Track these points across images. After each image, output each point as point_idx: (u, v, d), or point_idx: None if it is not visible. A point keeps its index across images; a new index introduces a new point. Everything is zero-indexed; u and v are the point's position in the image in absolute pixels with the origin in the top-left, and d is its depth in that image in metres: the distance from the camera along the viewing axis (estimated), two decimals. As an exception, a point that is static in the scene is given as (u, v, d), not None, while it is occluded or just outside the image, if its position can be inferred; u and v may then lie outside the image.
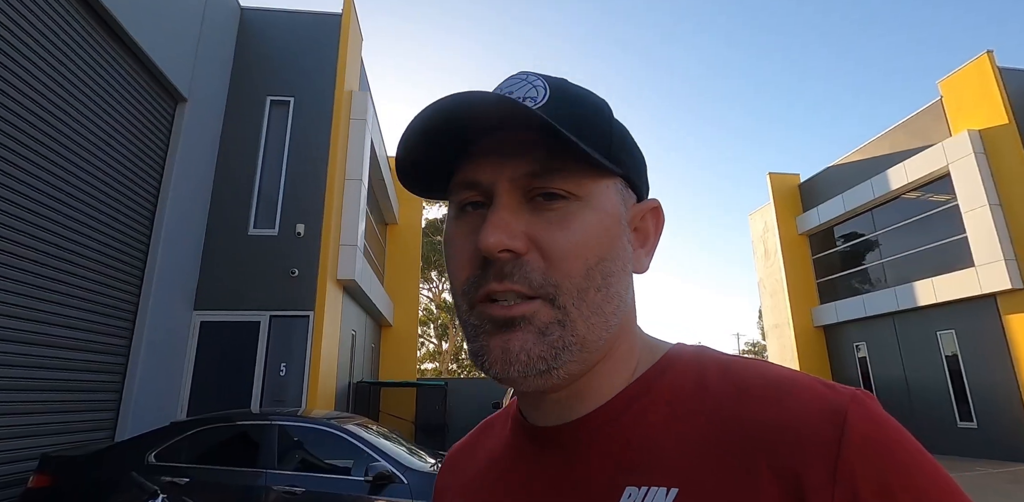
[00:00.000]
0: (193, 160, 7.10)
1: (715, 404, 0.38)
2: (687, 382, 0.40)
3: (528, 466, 0.44)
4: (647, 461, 0.37)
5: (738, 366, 0.40)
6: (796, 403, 0.35)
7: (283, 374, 6.90)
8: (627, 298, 0.42)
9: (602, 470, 0.39)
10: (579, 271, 0.39)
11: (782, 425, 0.35)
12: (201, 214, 7.35)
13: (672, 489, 0.35)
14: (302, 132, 8.04)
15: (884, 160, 12.88)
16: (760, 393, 0.37)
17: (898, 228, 12.64)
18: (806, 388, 0.36)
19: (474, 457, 0.51)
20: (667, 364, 0.43)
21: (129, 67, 5.91)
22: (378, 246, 13.12)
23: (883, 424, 0.35)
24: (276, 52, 8.38)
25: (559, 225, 0.39)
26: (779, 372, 0.39)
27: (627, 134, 0.45)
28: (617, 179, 0.43)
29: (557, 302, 0.38)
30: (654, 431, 0.38)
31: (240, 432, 4.30)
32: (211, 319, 6.99)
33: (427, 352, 30.28)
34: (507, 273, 0.38)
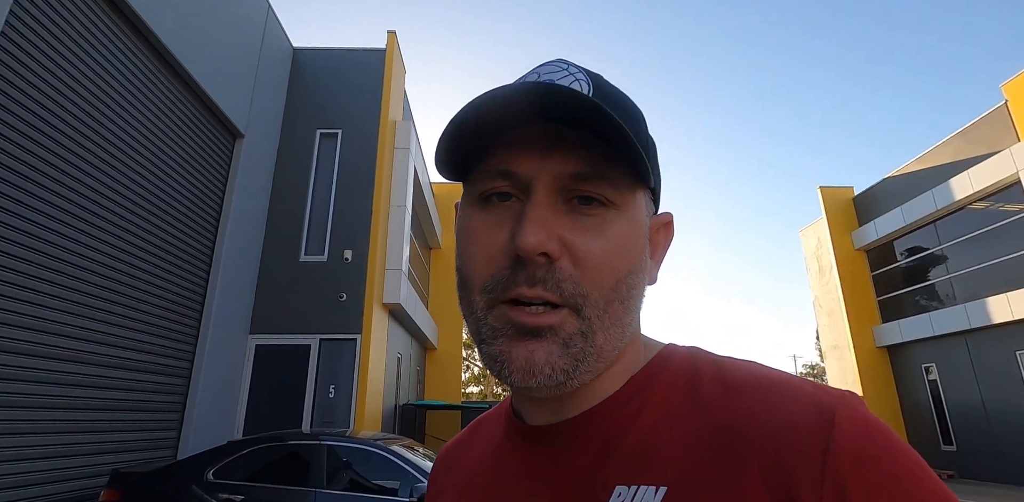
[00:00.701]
0: (250, 192, 7.56)
1: (706, 405, 0.37)
2: (680, 382, 0.40)
3: (520, 464, 0.43)
4: (638, 460, 0.37)
5: (730, 367, 0.40)
6: (786, 404, 0.35)
7: (332, 396, 7.10)
8: (640, 308, 0.42)
9: (593, 468, 0.39)
10: (609, 283, 0.38)
11: (771, 426, 0.34)
12: (256, 243, 7.77)
13: (661, 488, 0.35)
14: (349, 162, 8.44)
15: (946, 169, 12.24)
16: (750, 394, 0.37)
17: (965, 240, 11.89)
18: (795, 389, 0.36)
19: (467, 455, 0.50)
20: (660, 364, 0.42)
21: (193, 108, 6.43)
22: (422, 270, 13.41)
23: (872, 426, 0.34)
24: (325, 88, 8.90)
25: (595, 233, 0.38)
26: (769, 373, 0.39)
27: (652, 142, 0.44)
28: (647, 191, 0.42)
29: (583, 313, 0.37)
30: (646, 431, 0.38)
31: (292, 451, 4.45)
32: (265, 342, 7.31)
33: (472, 375, 30.29)
34: (540, 278, 0.36)
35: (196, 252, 6.49)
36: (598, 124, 0.35)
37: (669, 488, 0.35)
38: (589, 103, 0.34)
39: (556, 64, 0.41)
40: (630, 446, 0.38)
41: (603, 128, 0.35)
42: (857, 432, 0.33)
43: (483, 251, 0.39)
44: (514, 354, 0.37)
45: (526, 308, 0.37)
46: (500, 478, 0.44)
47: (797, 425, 0.34)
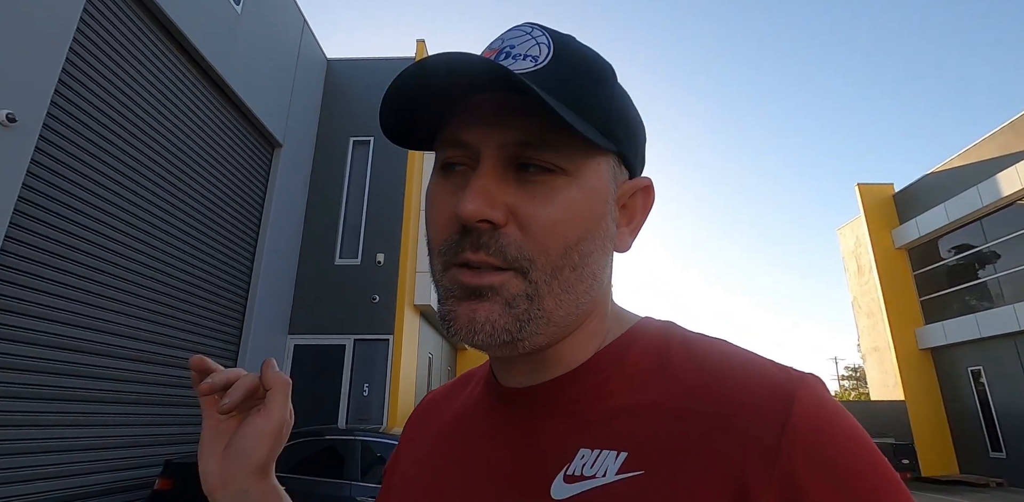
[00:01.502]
0: (288, 199, 7.91)
1: (673, 378, 0.39)
2: (650, 356, 0.41)
3: (492, 423, 0.45)
4: (603, 426, 0.38)
5: (700, 344, 0.41)
6: (748, 383, 0.36)
7: (366, 394, 7.36)
8: (603, 277, 0.42)
9: (560, 431, 0.40)
10: (557, 249, 0.38)
11: (732, 404, 0.35)
12: (294, 247, 8.12)
13: (622, 453, 0.36)
14: (381, 168, 8.72)
15: (992, 164, 11.75)
16: (715, 371, 0.38)
17: (1015, 238, 11.39)
18: (758, 368, 0.37)
19: (447, 408, 0.52)
20: (633, 337, 0.43)
21: (236, 121, 6.79)
22: (453, 272, 13.65)
23: (829, 408, 0.35)
24: (357, 97, 9.22)
25: (542, 199, 0.38)
26: (736, 352, 0.40)
27: (628, 105, 0.43)
28: (611, 156, 0.41)
29: (529, 276, 0.38)
30: (613, 400, 0.39)
31: (329, 446, 4.68)
32: (303, 342, 7.63)
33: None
34: (483, 243, 0.37)
35: (239, 256, 6.85)
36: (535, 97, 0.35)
37: (629, 454, 0.36)
38: (518, 82, 0.34)
39: (521, 28, 0.41)
40: (597, 412, 0.39)
41: (539, 102, 0.35)
42: (815, 414, 0.34)
43: (439, 217, 0.40)
44: (459, 313, 0.38)
45: (472, 269, 0.38)
46: (473, 435, 0.46)
47: (756, 404, 0.35)
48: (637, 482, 0.35)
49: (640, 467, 0.35)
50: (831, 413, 0.35)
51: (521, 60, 0.39)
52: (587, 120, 0.38)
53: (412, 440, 0.52)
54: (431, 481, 0.46)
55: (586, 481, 0.36)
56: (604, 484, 0.36)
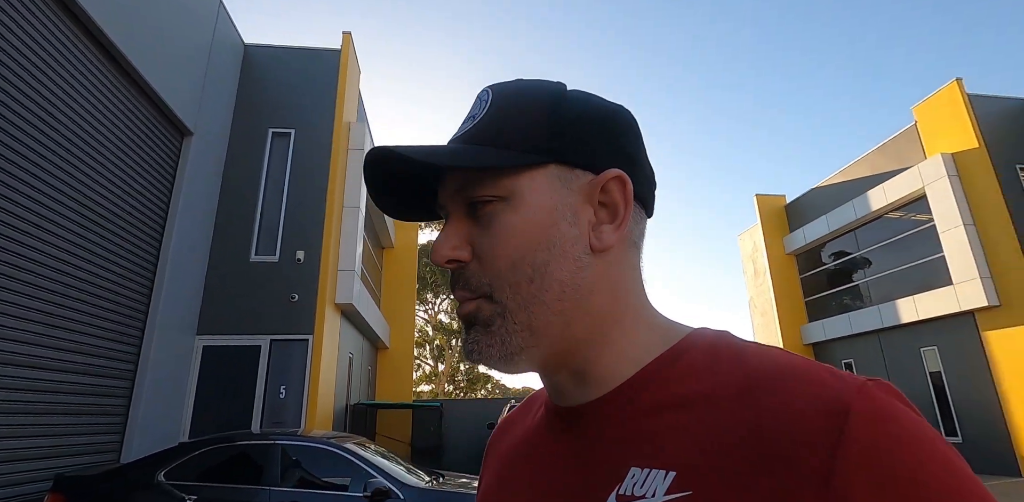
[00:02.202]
0: (198, 191, 7.44)
1: (722, 393, 0.37)
2: (699, 369, 0.40)
3: (551, 443, 0.46)
4: (652, 444, 0.38)
5: (751, 354, 0.39)
6: (797, 397, 0.34)
7: (283, 396, 7.11)
8: (577, 282, 0.42)
9: (611, 449, 0.40)
10: (505, 268, 0.41)
11: (779, 419, 0.33)
12: (205, 242, 7.65)
13: (671, 472, 0.36)
14: (302, 162, 8.41)
15: (865, 182, 13.34)
16: (765, 384, 0.36)
17: (881, 247, 13.02)
18: (810, 380, 0.35)
19: (517, 429, 0.53)
20: (682, 350, 0.42)
21: (138, 103, 6.29)
22: (374, 270, 13.39)
23: (894, 419, 0.32)
24: (278, 86, 8.82)
25: (486, 229, 0.42)
26: (789, 361, 0.37)
27: (571, 112, 0.44)
28: (549, 167, 0.43)
29: (494, 297, 0.42)
30: (663, 416, 0.39)
31: (244, 452, 4.52)
32: (213, 343, 7.22)
33: (423, 374, 30.17)
34: (456, 281, 0.43)
35: (142, 251, 6.37)
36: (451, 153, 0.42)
37: (678, 474, 0.35)
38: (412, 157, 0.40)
39: (479, 96, 0.47)
40: (646, 429, 0.39)
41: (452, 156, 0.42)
42: (874, 429, 0.31)
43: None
44: (465, 342, 0.44)
45: (461, 304, 0.44)
46: (535, 455, 0.47)
47: (805, 421, 0.32)
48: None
49: (688, 487, 0.34)
50: (894, 429, 0.31)
51: (468, 121, 0.45)
52: (512, 147, 0.42)
53: (487, 464, 0.55)
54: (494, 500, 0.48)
55: (637, 501, 0.36)
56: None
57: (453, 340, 29.01)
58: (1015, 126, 10.97)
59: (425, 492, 4.34)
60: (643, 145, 0.47)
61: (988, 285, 9.94)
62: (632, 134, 0.46)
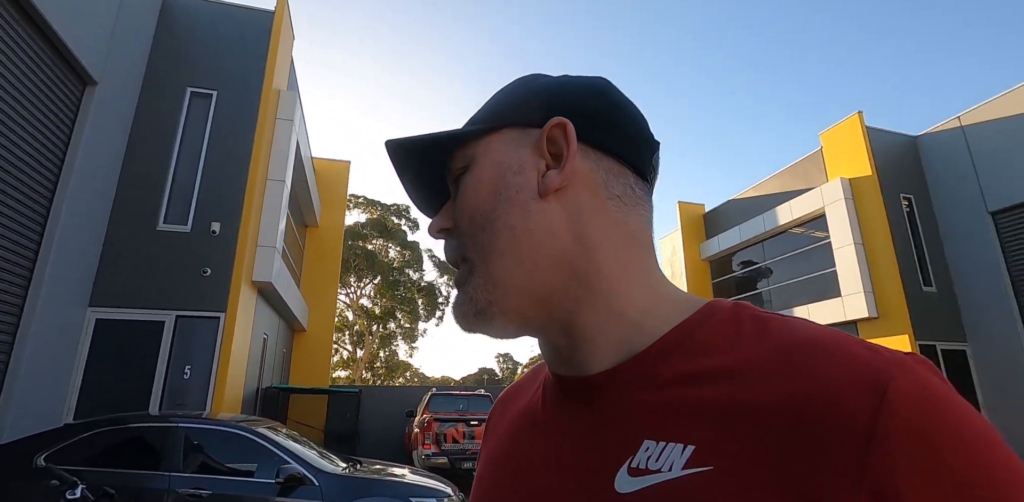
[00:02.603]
0: (99, 148, 6.67)
1: (747, 367, 0.35)
2: (721, 341, 0.38)
3: (557, 414, 0.45)
4: (669, 416, 0.36)
5: (776, 325, 0.37)
6: (830, 370, 0.32)
7: (187, 377, 6.58)
8: (530, 226, 0.42)
9: (624, 423, 0.39)
10: (464, 224, 0.44)
11: (809, 397, 0.31)
12: (104, 204, 6.89)
13: (688, 446, 0.34)
14: (224, 128, 7.78)
15: (775, 198, 14.45)
16: (793, 357, 0.34)
17: (784, 259, 14.18)
18: (842, 350, 0.33)
19: (522, 399, 0.52)
20: (701, 320, 0.40)
21: (33, 42, 5.54)
22: (296, 248, 12.74)
23: (937, 398, 0.29)
24: (201, 43, 8.08)
25: (457, 197, 0.46)
26: (817, 333, 0.35)
27: (533, 87, 0.47)
28: (502, 131, 0.46)
29: (465, 256, 0.45)
30: (681, 389, 0.37)
31: (142, 435, 4.14)
32: (108, 317, 6.53)
33: (341, 359, 29.22)
34: (446, 248, 0.47)
35: (27, 209, 5.62)
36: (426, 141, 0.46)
37: (697, 448, 0.34)
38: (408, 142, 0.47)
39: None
40: (662, 401, 0.37)
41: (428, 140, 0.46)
42: (915, 408, 0.29)
43: None
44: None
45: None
46: (541, 424, 0.46)
47: (837, 398, 0.30)
48: (705, 478, 0.32)
49: (708, 462, 0.33)
50: (940, 406, 0.29)
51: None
52: (474, 122, 0.47)
53: (488, 437, 0.55)
54: (498, 474, 0.47)
55: (652, 475, 0.35)
56: (670, 479, 0.34)
57: (375, 326, 28.27)
58: (902, 159, 12.32)
59: (341, 479, 4.20)
60: (613, 103, 0.46)
61: (870, 298, 11.12)
62: (593, 94, 0.46)
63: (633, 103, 0.48)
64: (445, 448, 7.65)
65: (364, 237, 27.48)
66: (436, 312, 29.18)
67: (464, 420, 8.05)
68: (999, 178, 10.71)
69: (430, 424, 7.82)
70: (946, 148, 11.92)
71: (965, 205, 11.30)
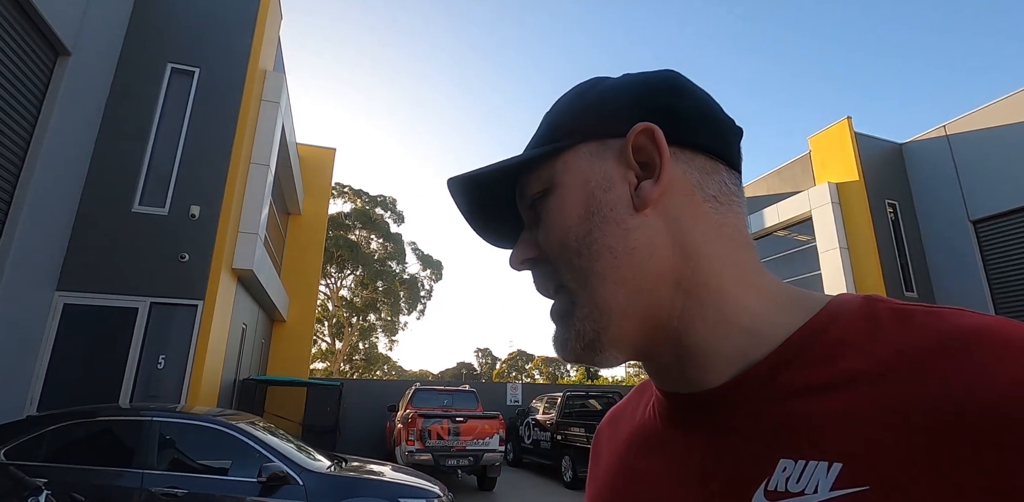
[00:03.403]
0: (71, 121, 6.28)
1: (893, 367, 0.31)
2: (856, 340, 0.34)
3: (674, 435, 0.42)
4: (805, 432, 0.33)
5: (921, 317, 0.33)
6: (994, 365, 0.28)
7: (161, 367, 6.25)
8: (631, 244, 0.39)
9: (753, 441, 0.35)
10: (557, 251, 0.41)
11: (983, 399, 0.27)
12: (75, 182, 6.50)
13: (835, 464, 0.30)
14: (206, 107, 7.42)
15: (762, 200, 14.54)
16: (951, 353, 0.30)
17: (768, 261, 14.28)
18: (1012, 343, 0.29)
19: (629, 416, 0.50)
20: (828, 320, 0.36)
21: (0, 6, 5.14)
22: (278, 236, 12.37)
23: None
24: (183, 17, 7.69)
25: (541, 223, 0.43)
26: (979, 323, 0.31)
27: (598, 91, 0.44)
28: (578, 147, 0.42)
29: (562, 284, 0.41)
30: (813, 400, 0.33)
31: (112, 429, 3.87)
32: (77, 302, 6.16)
33: (320, 351, 28.73)
34: (535, 278, 0.45)
35: (-9, 185, 5.24)
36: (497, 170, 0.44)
37: (845, 465, 0.30)
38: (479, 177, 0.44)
39: None
40: (794, 416, 0.34)
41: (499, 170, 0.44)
42: None
43: None
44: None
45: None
46: (658, 447, 0.43)
47: (1013, 395, 0.27)
48: (862, 499, 0.29)
49: (863, 482, 0.29)
50: None
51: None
52: (545, 143, 0.44)
53: (597, 461, 0.52)
54: (617, 498, 0.45)
55: (794, 498, 0.31)
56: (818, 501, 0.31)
57: (355, 317, 27.83)
58: (888, 165, 12.47)
59: (327, 478, 4.00)
60: (690, 96, 0.43)
61: (853, 302, 11.24)
62: (669, 91, 0.43)
63: (706, 91, 0.45)
64: (430, 445, 7.46)
65: (347, 227, 27.01)
66: (417, 305, 28.88)
67: (449, 416, 7.86)
68: (982, 187, 10.90)
69: (414, 420, 7.61)
70: (931, 156, 12.11)
71: (948, 213, 11.50)
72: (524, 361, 47.67)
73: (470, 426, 7.72)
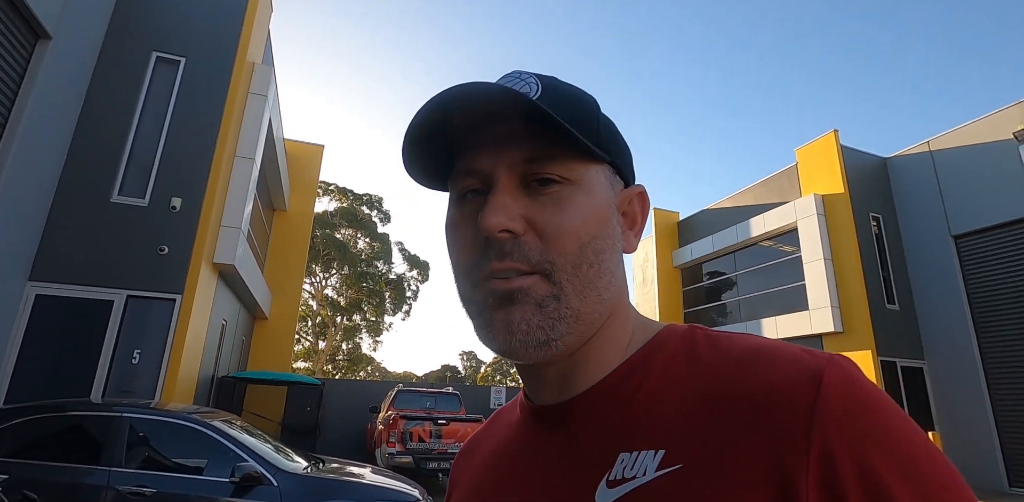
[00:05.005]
0: (51, 108, 6.10)
1: (704, 374, 0.39)
2: (680, 355, 0.42)
3: (533, 445, 0.46)
4: (639, 429, 0.39)
5: (725, 339, 0.42)
6: (776, 368, 0.37)
7: (136, 362, 6.05)
8: (618, 274, 0.44)
9: (599, 441, 0.41)
10: (573, 248, 0.41)
11: (762, 390, 0.36)
12: (52, 169, 6.30)
13: (660, 451, 0.37)
14: (191, 97, 7.26)
15: (749, 210, 14.65)
16: (745, 362, 0.39)
17: (754, 270, 14.38)
18: (787, 355, 0.38)
19: (487, 442, 0.53)
20: (663, 340, 0.44)
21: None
22: (262, 232, 12.15)
23: (858, 384, 0.36)
24: (170, 5, 7.51)
25: (554, 207, 0.41)
26: (763, 342, 0.41)
27: (613, 126, 0.48)
28: (605, 166, 0.45)
29: (553, 278, 0.40)
30: (647, 402, 0.40)
31: (79, 424, 3.71)
32: (50, 292, 5.95)
33: (302, 350, 28.26)
34: (507, 252, 0.40)
35: (-38, 169, 5.04)
36: (539, 119, 0.40)
37: (667, 450, 0.37)
38: (526, 101, 0.39)
39: (511, 75, 0.46)
40: (632, 416, 0.40)
41: (543, 121, 0.40)
42: (844, 389, 0.35)
43: (461, 240, 0.44)
44: (495, 318, 0.41)
45: (500, 279, 0.41)
46: (516, 458, 0.47)
47: (784, 388, 0.35)
48: (677, 476, 0.35)
49: (678, 461, 0.36)
50: (861, 389, 0.35)
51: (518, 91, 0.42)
52: (581, 134, 0.42)
53: (458, 477, 0.54)
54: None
55: (628, 483, 0.37)
56: (645, 482, 0.36)
57: (339, 317, 27.46)
58: (873, 179, 12.65)
59: (303, 479, 3.88)
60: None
61: (836, 313, 11.35)
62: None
63: None
64: (411, 447, 7.33)
65: (333, 226, 26.71)
66: (403, 306, 28.60)
67: (432, 418, 7.73)
68: (963, 203, 11.08)
69: (396, 421, 7.48)
70: (914, 171, 12.29)
71: (930, 227, 11.67)
72: (509, 365, 47.48)
73: (452, 429, 7.61)
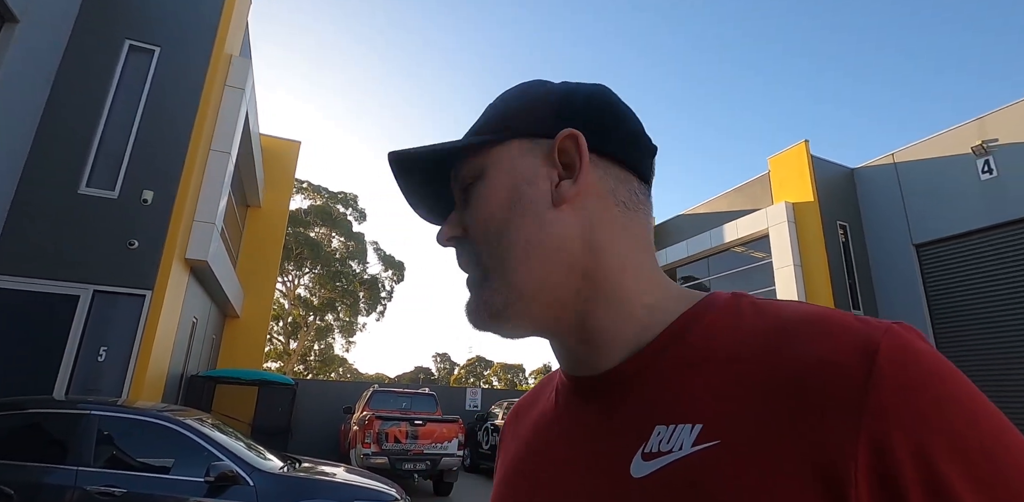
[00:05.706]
0: (15, 92, 5.85)
1: (747, 345, 0.38)
2: (723, 326, 0.41)
3: (573, 415, 0.47)
4: (676, 402, 0.38)
5: (772, 307, 0.40)
6: (826, 339, 0.35)
7: (102, 359, 5.83)
8: (543, 237, 0.43)
9: (635, 413, 0.41)
10: (480, 233, 0.46)
11: (809, 364, 0.34)
12: (16, 158, 6.04)
13: (696, 425, 0.36)
14: (164, 88, 7.06)
15: (722, 216, 14.97)
16: (792, 332, 0.37)
17: (727, 275, 14.69)
18: (838, 324, 0.36)
19: (535, 407, 0.54)
20: (703, 310, 0.43)
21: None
22: (235, 228, 11.87)
23: (919, 355, 0.33)
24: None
25: (471, 206, 0.47)
26: (811, 310, 0.38)
27: (532, 95, 0.48)
28: (511, 142, 0.46)
29: (479, 262, 0.46)
30: (687, 374, 0.39)
31: (44, 422, 3.56)
32: (11, 286, 5.69)
33: (274, 350, 27.60)
34: (458, 254, 0.48)
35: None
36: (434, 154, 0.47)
37: (704, 425, 0.36)
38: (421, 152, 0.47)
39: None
40: (669, 388, 0.40)
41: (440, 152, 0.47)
42: (900, 365, 0.32)
43: None
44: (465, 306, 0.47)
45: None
46: (553, 428, 0.48)
47: (833, 361, 0.33)
48: (714, 452, 0.35)
49: (716, 437, 0.35)
50: (925, 363, 0.32)
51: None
52: (486, 131, 0.47)
53: (504, 446, 0.56)
54: (519, 476, 0.49)
55: (663, 456, 0.37)
56: (681, 457, 0.36)
57: (312, 317, 26.92)
58: (840, 189, 13.07)
59: (279, 479, 3.81)
60: (616, 112, 0.48)
61: (804, 317, 11.65)
62: (599, 103, 0.48)
63: (630, 108, 0.49)
64: (386, 447, 7.23)
65: (306, 224, 26.23)
66: (378, 306, 28.24)
67: (408, 419, 7.66)
68: (925, 214, 11.55)
69: (371, 422, 7.37)
70: (879, 182, 12.76)
71: (894, 236, 12.12)
72: (483, 367, 47.32)
73: (429, 429, 7.55)
